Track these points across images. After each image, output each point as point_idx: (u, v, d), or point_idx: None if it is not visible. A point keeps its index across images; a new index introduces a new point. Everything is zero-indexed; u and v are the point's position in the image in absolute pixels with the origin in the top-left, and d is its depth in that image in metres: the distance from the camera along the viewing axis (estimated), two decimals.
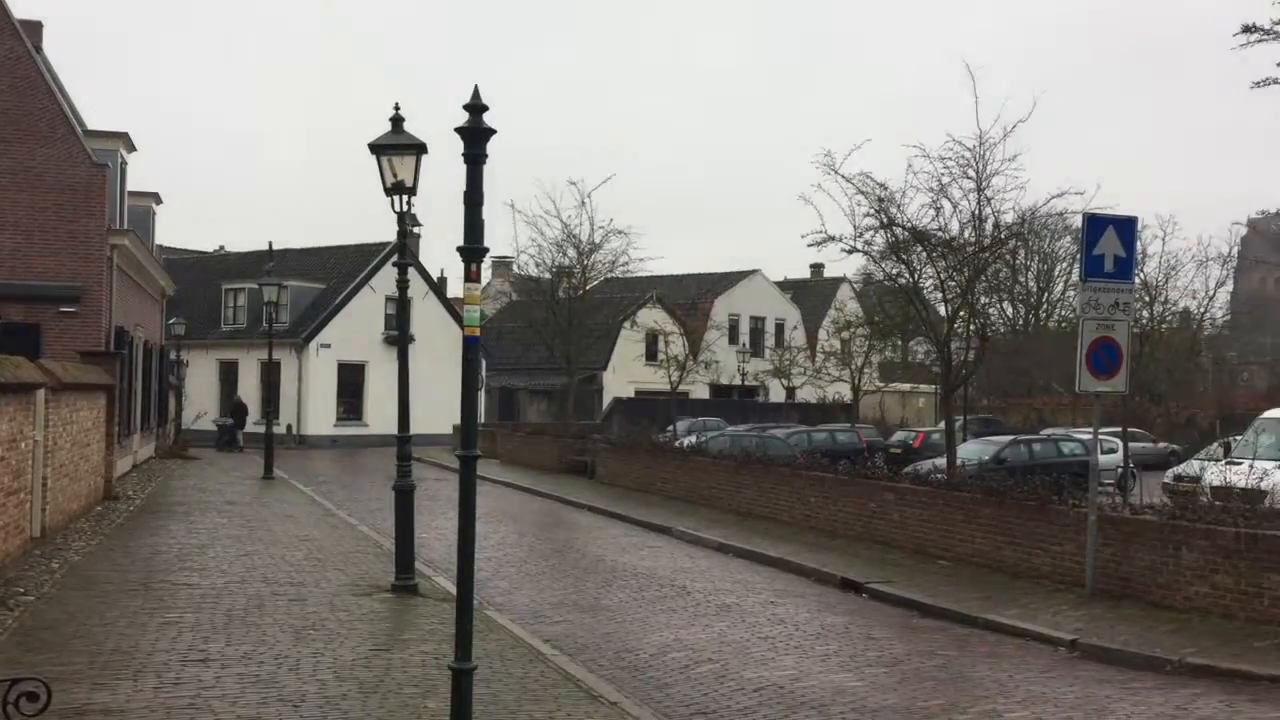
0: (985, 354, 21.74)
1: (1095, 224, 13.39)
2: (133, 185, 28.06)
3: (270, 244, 39.57)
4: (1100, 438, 16.27)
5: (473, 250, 6.17)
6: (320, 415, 43.08)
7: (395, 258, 14.32)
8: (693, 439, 29.86)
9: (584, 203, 31.74)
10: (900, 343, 38.97)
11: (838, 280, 61.25)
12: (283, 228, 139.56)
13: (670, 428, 35.31)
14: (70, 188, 22.87)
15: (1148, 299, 28.93)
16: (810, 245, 19.26)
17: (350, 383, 44.11)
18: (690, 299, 54.09)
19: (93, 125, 26.52)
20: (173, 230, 63.57)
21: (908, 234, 18.48)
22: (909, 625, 12.09)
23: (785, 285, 63.21)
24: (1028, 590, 13.31)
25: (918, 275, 19.18)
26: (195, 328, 43.06)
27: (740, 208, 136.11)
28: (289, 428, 41.55)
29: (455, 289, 50.15)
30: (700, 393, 50.07)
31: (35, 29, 25.35)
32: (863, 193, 18.34)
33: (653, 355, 47.40)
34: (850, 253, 19.08)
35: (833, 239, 18.69)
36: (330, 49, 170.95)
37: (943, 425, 23.65)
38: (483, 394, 45.04)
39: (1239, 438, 22.15)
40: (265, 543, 15.75)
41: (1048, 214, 27.08)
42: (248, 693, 7.98)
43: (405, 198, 12.09)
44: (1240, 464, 17.95)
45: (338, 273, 45.70)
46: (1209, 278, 34.49)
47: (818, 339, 53.97)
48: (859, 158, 63.03)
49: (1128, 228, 13.50)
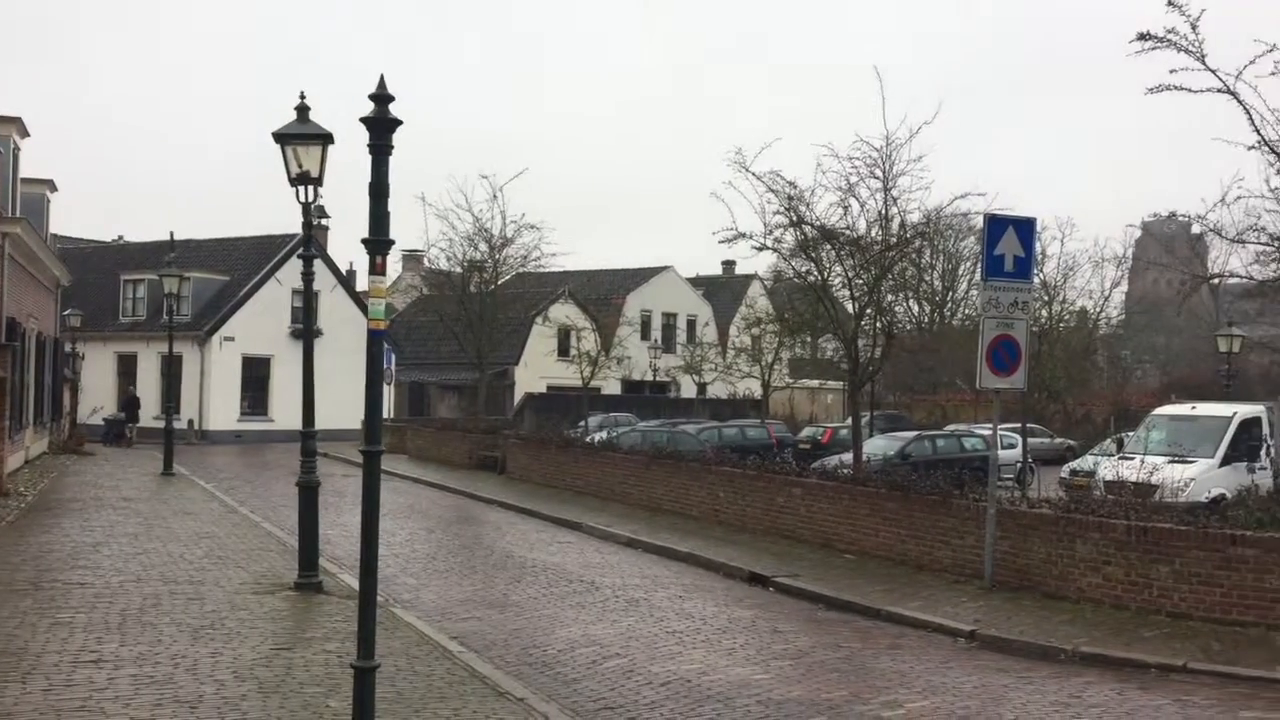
0: (891, 351, 22.10)
1: (996, 225, 13.71)
2: (27, 172, 27.10)
3: (172, 234, 38.42)
4: (1000, 433, 16.68)
5: (378, 242, 6.10)
6: (223, 410, 42.15)
7: (301, 250, 14.02)
8: (604, 435, 29.86)
9: (496, 196, 31.73)
10: (809, 340, 39.47)
11: (749, 277, 61.69)
12: (192, 219, 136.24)
13: (582, 423, 35.28)
14: None
15: (1046, 298, 29.79)
16: (721, 242, 19.47)
17: (255, 377, 43.23)
18: (603, 295, 54.06)
19: None
20: (76, 221, 61.62)
21: (816, 232, 18.73)
22: (814, 618, 12.25)
23: (697, 282, 63.59)
24: (930, 583, 13.59)
25: (826, 273, 19.44)
26: (92, 320, 41.73)
27: (652, 206, 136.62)
28: (190, 423, 40.57)
29: (364, 282, 49.32)
30: (612, 389, 50.12)
31: None
32: (773, 191, 18.58)
33: (565, 351, 47.24)
34: (760, 250, 19.38)
35: (743, 236, 18.92)
36: (267, 47, 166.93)
37: (850, 421, 24.01)
38: (391, 389, 44.44)
39: (1132, 434, 22.87)
40: (163, 540, 15.35)
41: (952, 214, 27.62)
42: (142, 694, 7.77)
43: (311, 188, 11.84)
44: (1132, 459, 18.53)
45: (243, 264, 44.67)
46: (1105, 278, 35.61)
47: (729, 335, 54.32)
48: (769, 156, 63.74)
49: (1026, 228, 13.84)
